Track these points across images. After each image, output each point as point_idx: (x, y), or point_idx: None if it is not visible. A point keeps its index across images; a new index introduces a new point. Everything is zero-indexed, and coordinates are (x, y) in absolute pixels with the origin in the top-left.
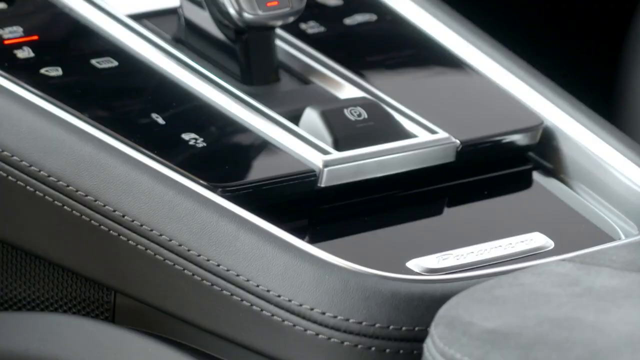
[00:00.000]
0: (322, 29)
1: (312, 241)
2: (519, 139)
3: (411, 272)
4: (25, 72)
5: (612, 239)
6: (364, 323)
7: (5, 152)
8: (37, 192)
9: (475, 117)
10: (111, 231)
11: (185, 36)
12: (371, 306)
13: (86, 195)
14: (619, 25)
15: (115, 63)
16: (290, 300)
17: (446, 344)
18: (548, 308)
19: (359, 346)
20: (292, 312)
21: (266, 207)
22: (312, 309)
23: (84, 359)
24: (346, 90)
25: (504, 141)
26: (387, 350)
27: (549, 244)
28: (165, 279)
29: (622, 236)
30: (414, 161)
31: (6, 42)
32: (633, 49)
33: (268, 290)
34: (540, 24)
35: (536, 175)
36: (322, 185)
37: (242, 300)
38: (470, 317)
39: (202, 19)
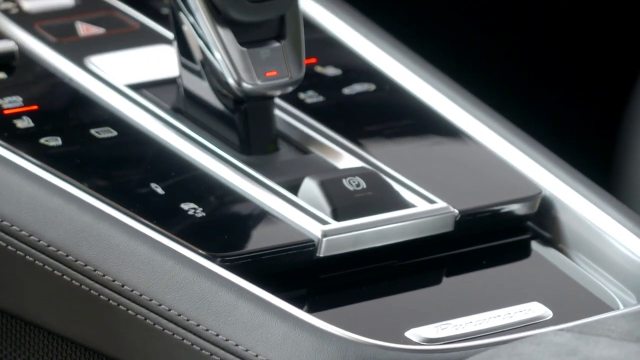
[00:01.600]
0: (320, 98)
1: (311, 311)
2: (517, 208)
3: (410, 341)
4: (25, 142)
5: (610, 309)
6: None
7: (4, 222)
8: (36, 261)
9: (474, 187)
10: (110, 301)
11: (184, 106)
12: None
13: (85, 265)
14: (618, 94)
15: (114, 133)
16: None
17: None
18: None
19: None
20: None
21: (265, 276)
22: None
23: None
24: (345, 159)
25: (503, 211)
26: None
27: (548, 313)
28: (165, 349)
29: (621, 306)
30: (412, 231)
31: (6, 111)
32: (632, 118)
33: None
34: (539, 92)
35: (534, 245)
36: (321, 255)
37: None
38: None
39: (201, 88)
